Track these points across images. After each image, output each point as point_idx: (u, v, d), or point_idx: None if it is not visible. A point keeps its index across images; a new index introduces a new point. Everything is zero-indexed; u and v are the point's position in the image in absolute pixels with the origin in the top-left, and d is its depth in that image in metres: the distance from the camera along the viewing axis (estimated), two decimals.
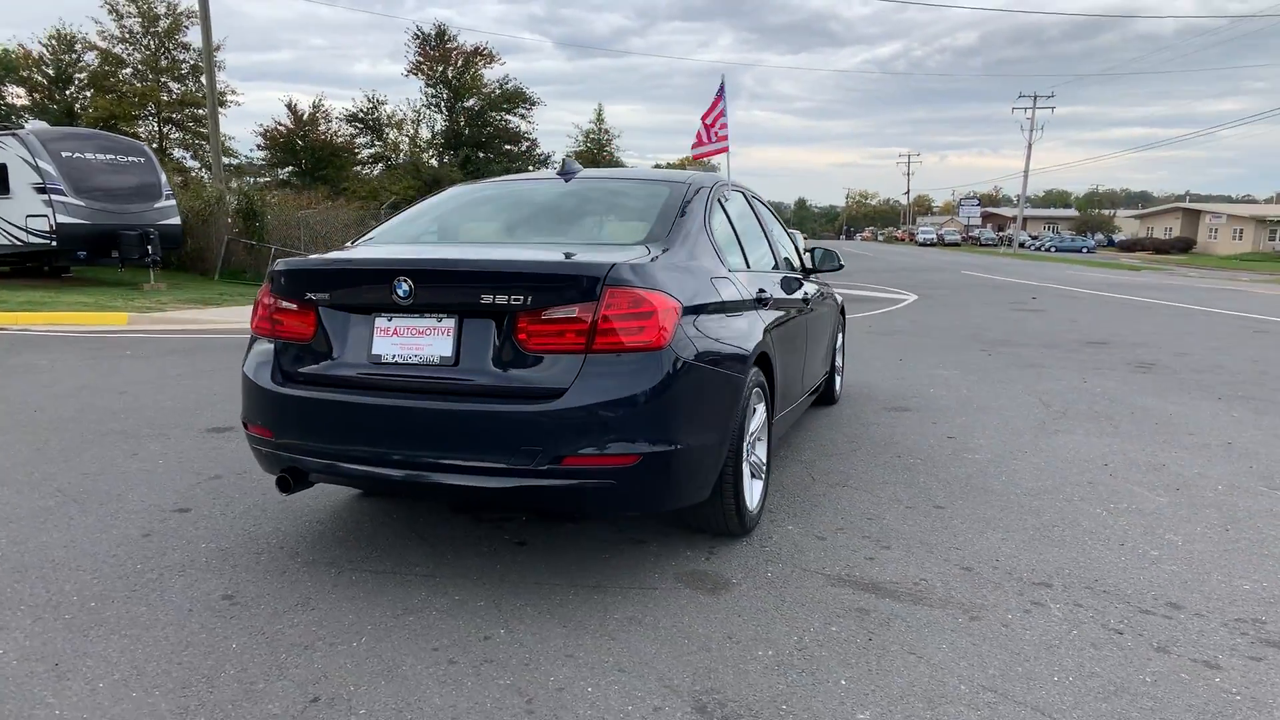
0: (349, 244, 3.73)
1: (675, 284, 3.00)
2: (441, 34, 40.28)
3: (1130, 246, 66.92)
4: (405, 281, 2.88)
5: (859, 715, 2.28)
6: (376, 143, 41.40)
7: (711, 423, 3.07)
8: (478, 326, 2.89)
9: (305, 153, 38.40)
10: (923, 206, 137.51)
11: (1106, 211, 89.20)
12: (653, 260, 3.01)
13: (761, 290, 3.83)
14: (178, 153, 33.39)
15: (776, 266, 4.57)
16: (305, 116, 38.86)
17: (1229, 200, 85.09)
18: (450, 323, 2.91)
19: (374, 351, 2.99)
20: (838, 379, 6.44)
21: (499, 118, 41.56)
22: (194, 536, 3.58)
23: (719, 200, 3.91)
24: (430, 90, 40.69)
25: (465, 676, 2.46)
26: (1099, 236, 74.97)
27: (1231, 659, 2.60)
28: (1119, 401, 6.61)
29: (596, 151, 49.63)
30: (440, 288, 2.91)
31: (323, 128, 39.32)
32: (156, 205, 17.17)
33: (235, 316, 12.70)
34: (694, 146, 17.90)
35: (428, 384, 2.91)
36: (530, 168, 40.65)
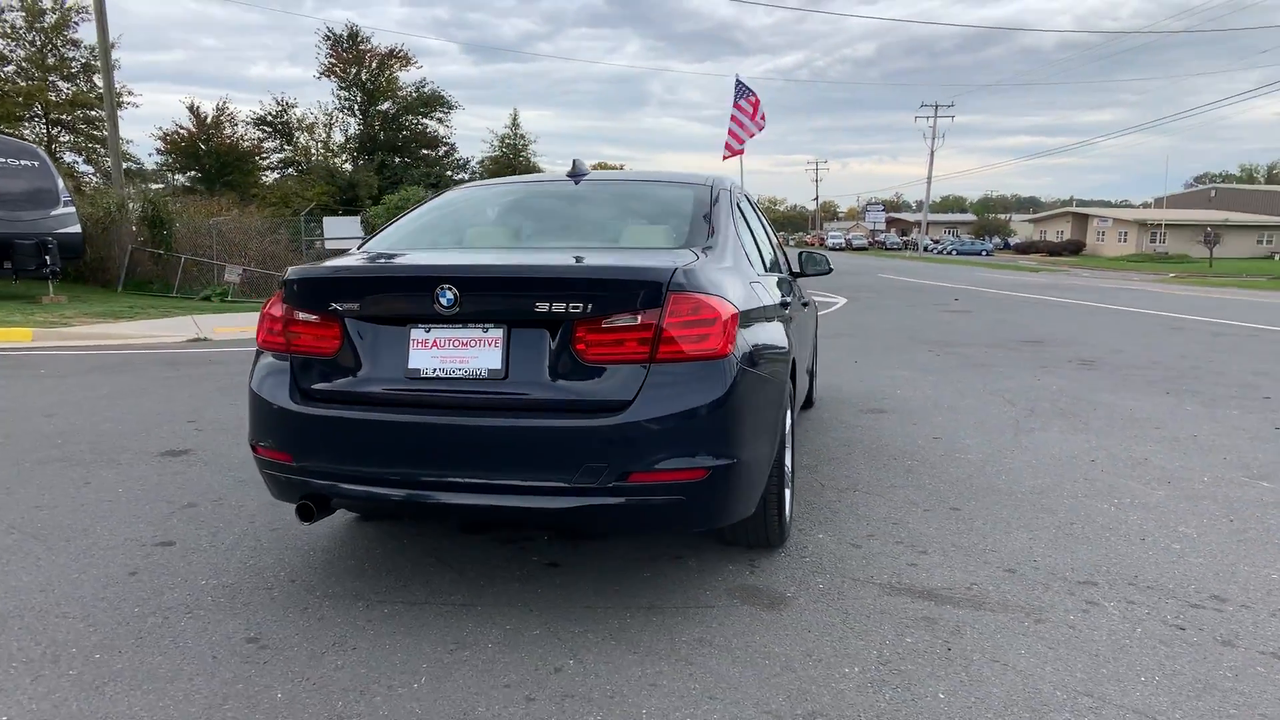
0: (353, 250, 3.47)
1: (729, 288, 2.89)
2: (354, 36, 39.10)
3: (1025, 249, 70.31)
4: (449, 289, 2.67)
5: None
6: (286, 147, 39.78)
7: (765, 431, 2.97)
8: (530, 336, 2.70)
9: (209, 157, 36.52)
10: (828, 212, 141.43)
11: (1002, 216, 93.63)
12: (706, 264, 2.89)
13: (780, 292, 3.77)
14: (69, 157, 31.23)
15: (778, 268, 4.52)
16: (209, 119, 37.00)
17: (1108, 204, 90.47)
18: (498, 333, 2.72)
19: (411, 365, 2.77)
20: (814, 382, 6.45)
21: (415, 121, 40.56)
22: (188, 573, 3.26)
23: (737, 202, 3.83)
24: (343, 93, 39.41)
25: (550, 715, 2.28)
26: (996, 240, 78.55)
27: None
28: (1079, 399, 6.84)
29: (513, 157, 49.04)
30: (489, 296, 2.71)
31: (228, 131, 37.54)
32: (54, 213, 15.96)
33: (152, 331, 11.91)
34: (727, 147, 17.84)
35: (475, 400, 2.71)
36: (449, 173, 39.81)
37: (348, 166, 38.44)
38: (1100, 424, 5.89)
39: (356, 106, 39.44)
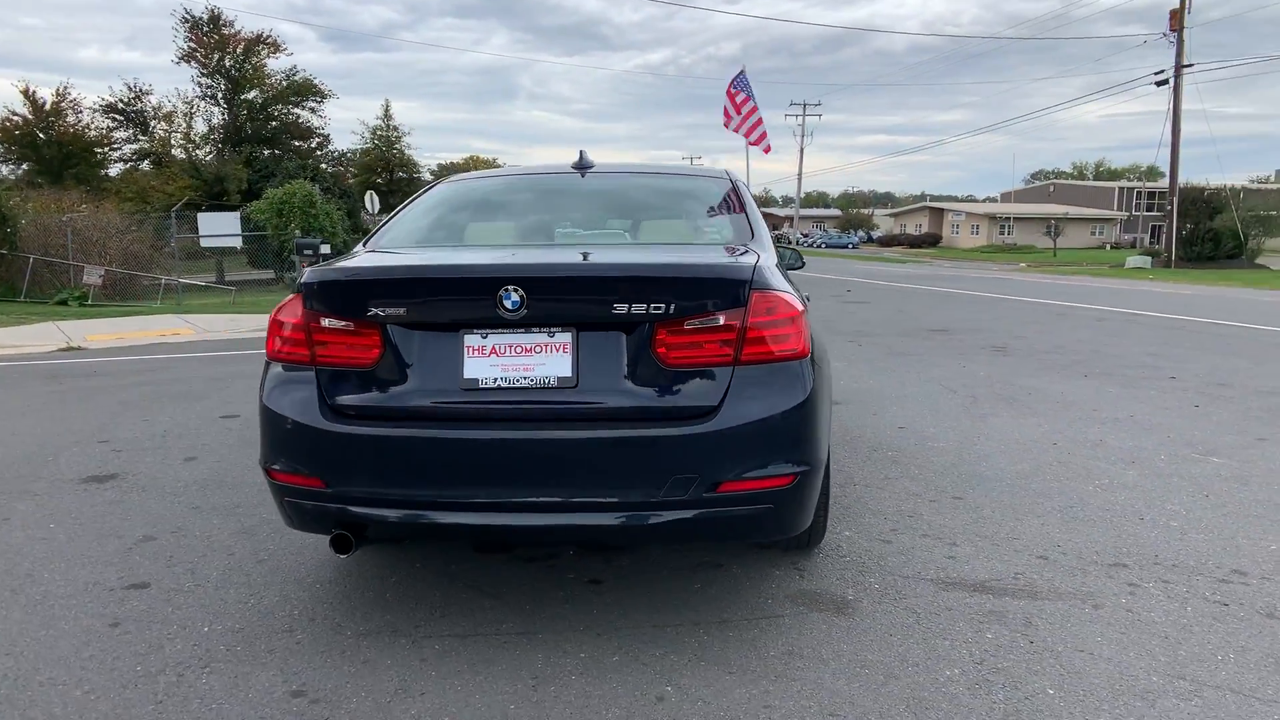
0: (359, 250, 3.13)
1: (791, 286, 2.79)
2: (216, 19, 36.36)
3: (888, 242, 74.03)
4: (515, 291, 2.43)
5: None
6: (140, 138, 36.61)
7: (828, 431, 2.89)
8: (602, 340, 2.50)
9: (50, 147, 33.14)
10: None
11: (865, 210, 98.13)
12: (768, 261, 2.77)
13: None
14: None
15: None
16: (47, 106, 33.56)
17: (957, 199, 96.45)
18: (566, 337, 2.50)
19: (467, 375, 2.51)
20: None
21: (286, 111, 38.26)
22: (182, 619, 2.86)
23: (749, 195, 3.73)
24: (205, 80, 36.65)
25: None
26: (861, 233, 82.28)
27: None
28: (1011, 384, 7.16)
29: (386, 149, 47.24)
30: (560, 298, 2.49)
31: (70, 119, 34.19)
32: None
33: (12, 340, 10.67)
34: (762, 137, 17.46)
35: (542, 410, 2.48)
36: (323, 166, 37.80)
37: (211, 159, 35.78)
38: (1043, 409, 6.16)
39: (220, 95, 36.76)
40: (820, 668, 2.49)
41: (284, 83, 37.68)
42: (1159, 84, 31.77)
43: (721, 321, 2.48)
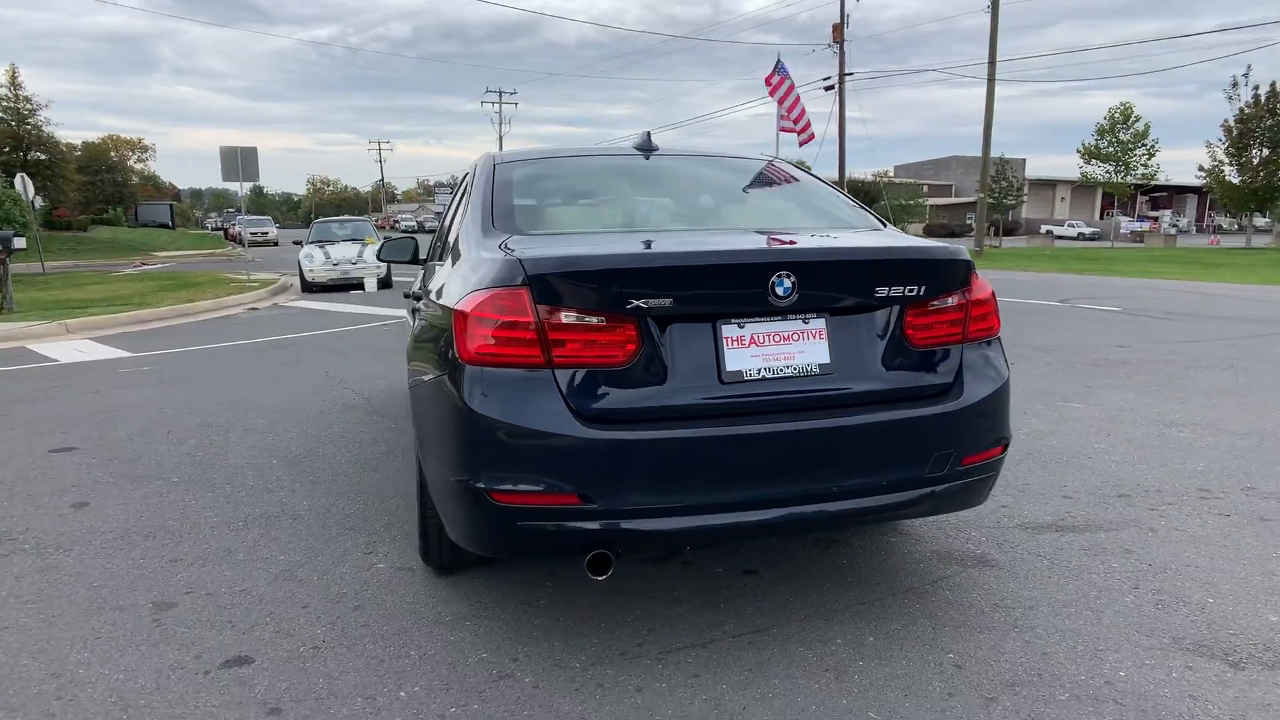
0: (509, 238, 2.66)
1: None
2: None
3: None
4: (787, 278, 2.34)
5: (1270, 617, 2.68)
6: None
7: None
8: (852, 324, 2.49)
9: None
10: (388, 195, 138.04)
11: None
12: None
13: None
14: None
15: None
16: None
17: None
18: (820, 323, 2.45)
19: (730, 368, 2.36)
20: None
21: None
22: (360, 662, 2.36)
23: None
24: None
25: (1018, 707, 2.21)
26: None
27: None
28: None
29: (17, 125, 39.23)
30: (824, 283, 2.42)
31: None
32: None
33: None
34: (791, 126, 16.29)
35: (808, 400, 2.42)
36: None
37: None
38: None
39: None
40: (1040, 623, 2.72)
41: None
42: (827, 89, 36.49)
43: (953, 302, 2.59)
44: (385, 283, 16.28)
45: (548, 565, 3.11)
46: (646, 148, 3.53)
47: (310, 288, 16.12)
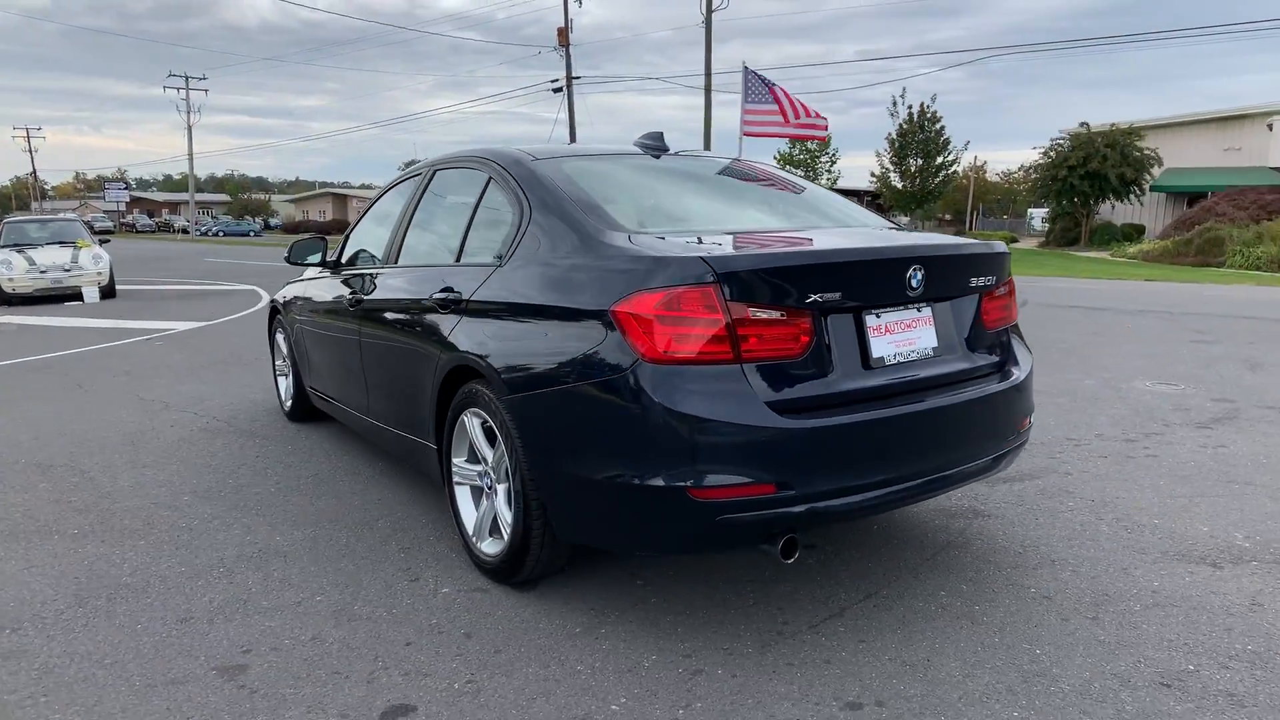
0: (639, 233, 2.67)
1: None
2: None
3: (293, 229, 71.25)
4: (919, 270, 2.62)
5: (1202, 528, 3.44)
6: None
7: None
8: (948, 311, 2.83)
9: None
10: (38, 190, 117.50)
11: (262, 196, 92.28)
12: None
13: None
14: None
15: None
16: None
17: (353, 186, 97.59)
18: (929, 311, 2.76)
19: (875, 354, 2.57)
20: None
21: None
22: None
23: None
24: None
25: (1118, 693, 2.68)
26: (259, 220, 77.28)
27: None
28: None
29: None
30: (942, 275, 2.73)
31: None
32: None
33: None
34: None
35: (928, 380, 2.70)
36: None
37: None
38: None
39: None
40: (1044, 548, 3.25)
41: None
42: (556, 90, 37.26)
43: (1005, 290, 3.04)
44: (109, 292, 14.06)
45: (630, 565, 3.09)
46: (661, 147, 3.62)
47: (10, 300, 13.47)
